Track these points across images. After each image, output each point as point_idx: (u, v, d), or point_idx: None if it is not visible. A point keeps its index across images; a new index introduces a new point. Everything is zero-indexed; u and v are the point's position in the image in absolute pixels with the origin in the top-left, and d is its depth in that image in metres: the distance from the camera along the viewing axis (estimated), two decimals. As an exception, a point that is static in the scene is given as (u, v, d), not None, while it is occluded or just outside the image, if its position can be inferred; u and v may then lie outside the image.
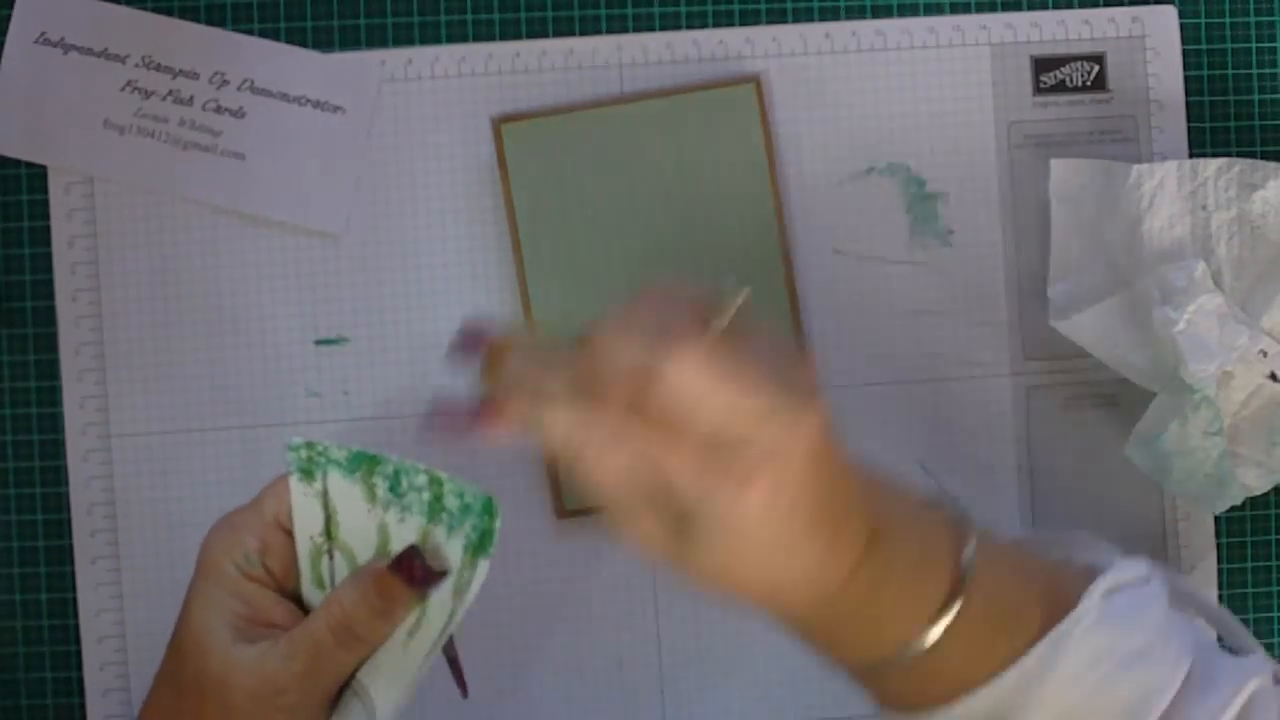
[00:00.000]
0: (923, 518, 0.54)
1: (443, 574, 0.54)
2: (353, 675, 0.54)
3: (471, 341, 0.53)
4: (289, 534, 0.55)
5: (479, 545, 0.53)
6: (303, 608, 0.56)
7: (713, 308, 0.50)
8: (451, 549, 0.54)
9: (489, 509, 0.53)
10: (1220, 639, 0.59)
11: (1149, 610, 0.53)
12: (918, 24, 0.69)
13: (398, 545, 0.54)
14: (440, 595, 0.54)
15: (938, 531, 0.53)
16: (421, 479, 0.54)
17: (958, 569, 0.52)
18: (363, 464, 0.54)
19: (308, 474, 0.55)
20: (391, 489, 0.54)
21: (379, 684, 0.54)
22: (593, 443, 0.49)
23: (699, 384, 0.48)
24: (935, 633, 0.51)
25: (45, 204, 0.67)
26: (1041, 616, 0.52)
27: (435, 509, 0.54)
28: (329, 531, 0.55)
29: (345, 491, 0.55)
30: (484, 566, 0.53)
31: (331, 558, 0.56)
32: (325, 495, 0.55)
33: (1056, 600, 0.52)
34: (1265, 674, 0.54)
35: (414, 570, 0.53)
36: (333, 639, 0.53)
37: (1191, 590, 0.59)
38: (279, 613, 0.55)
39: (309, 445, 0.55)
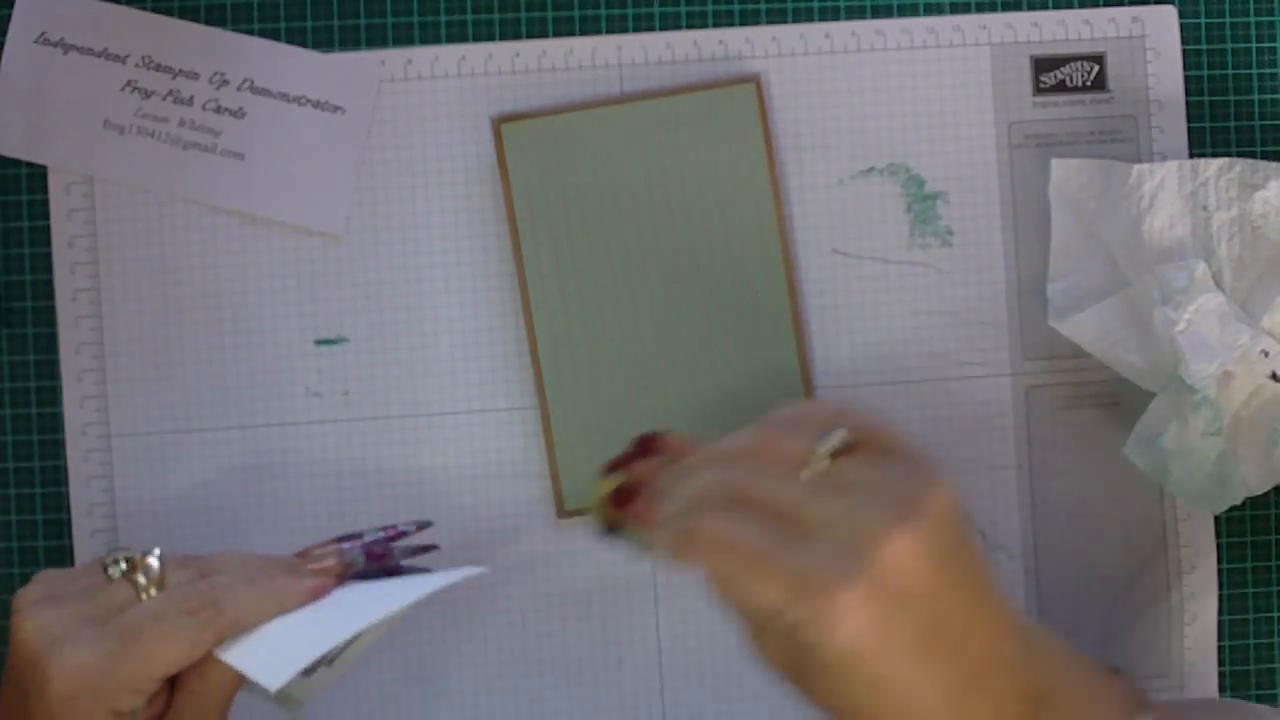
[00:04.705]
0: (1095, 687, 0.52)
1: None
2: None
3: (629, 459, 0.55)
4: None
5: None
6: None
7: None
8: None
9: None
10: None
11: None
12: (918, 24, 0.69)
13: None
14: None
15: (1110, 705, 0.51)
16: None
17: None
18: None
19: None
20: None
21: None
22: (737, 570, 0.47)
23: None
24: None
25: (45, 204, 0.67)
26: None
27: None
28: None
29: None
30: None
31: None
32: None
33: None
34: None
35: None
36: None
37: None
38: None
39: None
